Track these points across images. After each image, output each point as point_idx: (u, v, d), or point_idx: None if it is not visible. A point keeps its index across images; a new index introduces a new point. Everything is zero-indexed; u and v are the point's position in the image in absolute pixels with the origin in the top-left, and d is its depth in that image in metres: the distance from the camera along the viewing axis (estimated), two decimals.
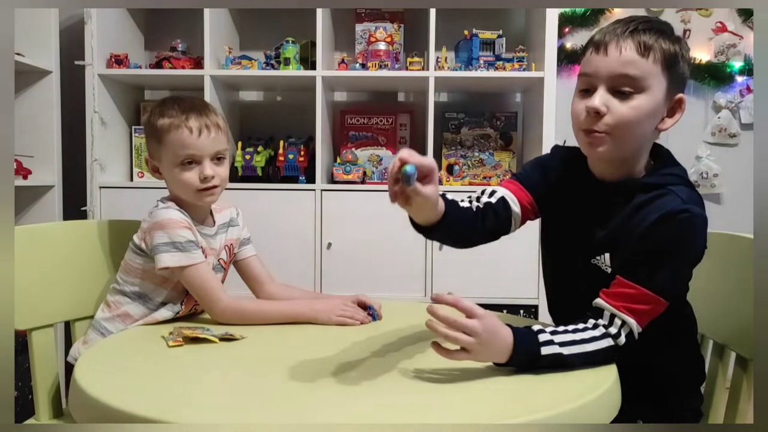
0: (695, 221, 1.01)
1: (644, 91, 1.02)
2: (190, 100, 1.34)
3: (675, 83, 1.05)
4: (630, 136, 1.04)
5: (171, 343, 1.08)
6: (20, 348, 1.65)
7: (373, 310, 1.29)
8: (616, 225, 1.07)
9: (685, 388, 1.17)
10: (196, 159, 1.29)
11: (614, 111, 1.02)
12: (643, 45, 1.01)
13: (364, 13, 2.49)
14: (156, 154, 1.33)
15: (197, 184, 1.29)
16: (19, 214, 2.26)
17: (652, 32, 1.02)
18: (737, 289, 1.18)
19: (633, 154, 1.09)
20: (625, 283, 1.01)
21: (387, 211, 2.23)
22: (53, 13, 2.25)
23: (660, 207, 1.02)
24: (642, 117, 1.03)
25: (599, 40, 1.05)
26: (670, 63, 1.03)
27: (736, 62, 2.64)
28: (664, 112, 1.07)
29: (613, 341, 0.99)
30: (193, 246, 1.26)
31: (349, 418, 0.79)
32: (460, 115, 2.45)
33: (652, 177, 1.08)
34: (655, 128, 1.07)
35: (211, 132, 1.30)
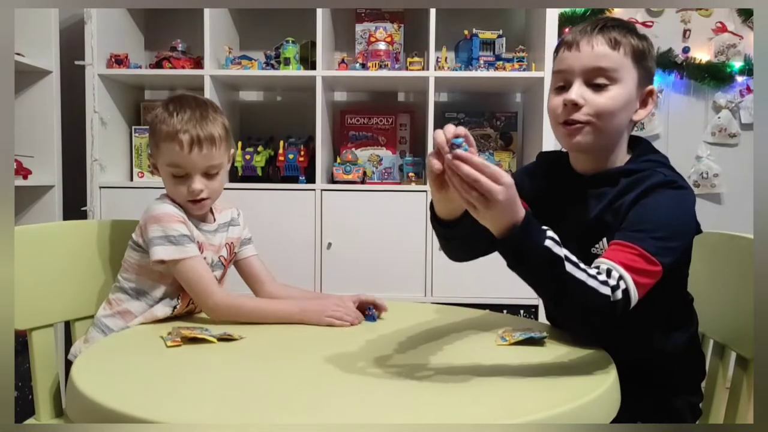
0: (682, 191, 1.05)
1: (617, 82, 1.08)
2: (194, 107, 1.30)
3: (645, 75, 1.11)
4: (608, 124, 1.09)
5: (169, 343, 1.08)
6: (20, 348, 1.65)
7: (371, 311, 1.29)
8: (604, 209, 1.09)
9: (686, 384, 1.17)
10: (186, 173, 1.29)
11: (591, 102, 1.08)
12: (613, 40, 1.08)
13: (364, 13, 2.49)
14: (154, 153, 1.33)
15: (186, 195, 1.30)
16: (19, 214, 2.26)
17: (621, 29, 1.09)
18: (737, 289, 1.18)
19: (611, 144, 1.13)
20: (620, 243, 0.99)
21: (387, 211, 2.25)
22: (53, 13, 2.25)
23: (645, 181, 1.06)
24: (618, 106, 1.08)
25: (571, 39, 1.11)
26: (639, 56, 1.09)
27: (736, 62, 2.64)
28: (637, 104, 1.12)
29: (611, 294, 0.93)
30: (187, 240, 1.26)
31: (348, 418, 0.79)
32: (460, 115, 2.45)
33: (634, 164, 1.13)
34: (629, 119, 1.12)
35: (203, 148, 1.27)
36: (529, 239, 0.88)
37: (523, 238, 0.87)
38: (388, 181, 2.46)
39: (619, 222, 1.05)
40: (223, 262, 1.39)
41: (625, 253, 0.98)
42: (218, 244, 1.37)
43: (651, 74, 1.13)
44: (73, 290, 1.37)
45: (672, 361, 1.14)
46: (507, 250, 0.89)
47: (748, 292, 1.11)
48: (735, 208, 2.65)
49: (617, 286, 0.93)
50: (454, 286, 2.23)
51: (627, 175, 1.09)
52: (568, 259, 0.90)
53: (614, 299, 0.93)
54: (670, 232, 1.02)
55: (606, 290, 0.92)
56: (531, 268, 0.91)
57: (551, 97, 1.13)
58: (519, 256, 0.89)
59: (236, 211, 1.46)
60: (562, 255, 0.89)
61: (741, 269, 1.18)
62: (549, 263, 0.89)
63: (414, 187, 2.28)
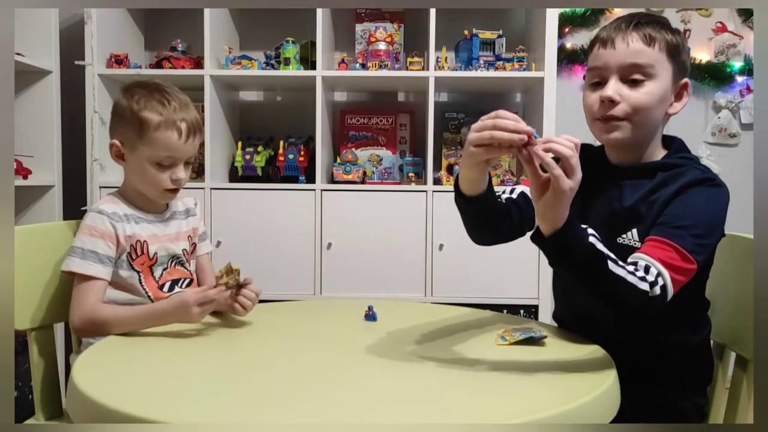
0: (719, 189, 1.07)
1: (653, 77, 1.09)
2: (175, 94, 1.31)
3: (679, 70, 1.12)
4: (645, 120, 1.11)
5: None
6: (20, 348, 1.65)
7: (372, 311, 1.29)
8: (639, 200, 1.10)
9: (693, 385, 1.17)
10: (174, 161, 1.29)
11: (628, 98, 1.09)
12: (648, 36, 1.09)
13: (364, 13, 2.49)
14: (129, 143, 1.30)
15: (168, 184, 1.30)
16: (19, 214, 2.26)
17: (654, 25, 1.10)
18: (737, 289, 1.18)
19: (647, 138, 1.14)
20: (658, 239, 1.01)
21: (387, 211, 2.25)
22: (53, 13, 2.25)
23: (683, 177, 1.07)
24: (654, 101, 1.10)
25: (606, 36, 1.12)
26: (674, 51, 1.10)
27: (736, 62, 2.64)
28: (672, 97, 1.14)
29: (650, 290, 0.95)
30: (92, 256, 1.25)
31: (348, 417, 0.79)
32: (460, 115, 2.45)
33: (671, 158, 1.14)
34: (665, 113, 1.14)
35: (196, 137, 1.31)
36: (577, 236, 0.92)
37: (571, 234, 0.91)
38: (388, 181, 2.46)
39: (653, 216, 1.05)
40: (186, 257, 1.39)
41: (663, 250, 0.99)
42: (173, 233, 1.37)
43: (686, 68, 1.14)
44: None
45: (682, 358, 1.14)
46: (555, 244, 0.92)
47: (747, 292, 1.11)
48: (735, 208, 2.63)
49: (655, 282, 0.96)
50: (454, 286, 2.23)
51: (665, 169, 1.11)
52: (609, 256, 0.94)
53: (652, 295, 0.96)
54: (706, 229, 1.03)
55: (645, 286, 0.95)
56: (577, 264, 0.93)
57: (587, 94, 1.15)
58: (566, 252, 0.92)
59: (193, 201, 1.46)
60: (605, 252, 0.94)
61: (741, 269, 1.18)
62: (593, 259, 0.93)
63: (414, 187, 2.27)
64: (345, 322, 1.29)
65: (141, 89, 1.31)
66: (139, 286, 1.30)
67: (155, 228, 1.33)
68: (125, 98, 1.31)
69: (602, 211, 1.14)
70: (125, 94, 1.31)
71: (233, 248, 2.22)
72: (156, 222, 1.35)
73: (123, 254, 1.29)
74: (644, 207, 1.09)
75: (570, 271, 0.96)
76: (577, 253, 0.92)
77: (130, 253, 1.29)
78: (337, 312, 1.41)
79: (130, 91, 1.31)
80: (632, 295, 0.94)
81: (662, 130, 1.17)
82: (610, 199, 1.14)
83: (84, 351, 1.09)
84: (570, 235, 0.91)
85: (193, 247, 1.42)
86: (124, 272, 1.29)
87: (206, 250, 1.47)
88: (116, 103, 1.33)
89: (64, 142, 2.32)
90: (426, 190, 2.23)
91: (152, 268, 1.33)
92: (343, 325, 1.27)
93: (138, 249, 1.30)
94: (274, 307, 1.43)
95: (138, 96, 1.29)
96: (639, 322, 1.04)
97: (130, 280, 1.30)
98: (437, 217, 2.22)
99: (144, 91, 1.30)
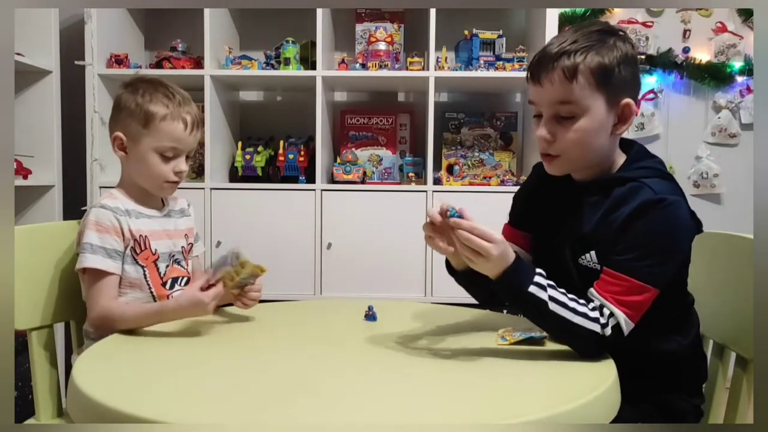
0: (670, 208, 1.02)
1: (584, 113, 1.06)
2: (175, 89, 1.34)
3: (615, 92, 1.06)
4: (581, 153, 1.10)
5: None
6: (20, 348, 1.65)
7: (372, 311, 1.29)
8: (597, 221, 1.09)
9: (688, 386, 1.17)
10: (178, 153, 1.31)
11: (560, 137, 1.08)
12: (569, 71, 1.04)
13: (364, 13, 2.49)
14: (133, 135, 1.31)
15: (171, 176, 1.32)
16: (19, 214, 2.26)
17: (577, 53, 1.04)
18: (737, 289, 1.18)
19: (594, 160, 1.12)
20: (612, 274, 1.03)
21: (387, 211, 2.25)
22: (53, 13, 2.25)
23: (634, 199, 1.04)
24: (587, 137, 1.07)
25: (532, 72, 1.09)
26: (602, 78, 1.04)
27: (736, 62, 2.64)
28: (614, 120, 1.09)
29: (600, 330, 0.99)
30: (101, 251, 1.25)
31: (348, 417, 0.79)
32: (460, 115, 2.45)
33: (626, 171, 1.11)
34: (611, 134, 1.10)
35: (199, 129, 1.34)
36: (514, 285, 0.99)
37: (509, 283, 1.00)
38: (388, 181, 2.46)
39: (610, 239, 1.05)
40: (184, 254, 1.40)
41: (616, 286, 1.02)
42: (171, 230, 1.38)
43: (625, 84, 1.08)
44: (73, 290, 1.37)
45: (673, 362, 1.14)
46: (500, 292, 1.02)
47: (748, 292, 1.11)
48: (735, 208, 2.65)
49: (607, 323, 1.00)
50: (454, 286, 2.22)
51: (621, 183, 1.08)
52: (554, 299, 0.99)
53: (603, 334, 1.00)
54: (660, 255, 1.02)
55: (593, 326, 1.00)
56: (520, 308, 1.02)
57: (533, 124, 1.14)
58: (509, 298, 1.02)
59: (186, 202, 1.48)
60: (545, 298, 0.99)
61: (741, 269, 1.18)
62: (533, 305, 0.99)
63: (414, 187, 2.28)
64: (345, 322, 1.29)
65: (144, 84, 1.33)
66: (145, 283, 1.31)
67: (155, 223, 1.34)
68: (129, 92, 1.33)
69: (566, 231, 1.14)
70: (128, 89, 1.33)
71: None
72: (156, 217, 1.35)
73: (127, 248, 1.29)
74: (601, 229, 1.07)
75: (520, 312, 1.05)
76: (515, 300, 1.01)
77: (134, 247, 1.30)
78: (337, 312, 1.41)
79: (134, 86, 1.33)
80: (580, 335, 0.99)
81: (616, 144, 1.14)
82: (572, 218, 1.13)
83: (84, 351, 1.09)
84: (506, 284, 0.99)
85: (189, 247, 1.43)
86: (129, 267, 1.30)
87: (199, 251, 1.48)
88: (119, 97, 1.34)
89: (64, 142, 2.32)
90: (426, 190, 2.23)
91: (156, 263, 1.33)
92: (343, 325, 1.27)
93: (141, 243, 1.31)
94: (274, 307, 1.43)
95: (143, 90, 1.31)
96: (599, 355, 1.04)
97: (135, 274, 1.30)
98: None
99: (148, 85, 1.33)
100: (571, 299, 1.01)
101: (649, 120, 2.65)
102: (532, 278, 1.00)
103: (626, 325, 1.00)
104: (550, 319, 0.99)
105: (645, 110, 2.66)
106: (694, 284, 1.18)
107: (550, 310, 0.99)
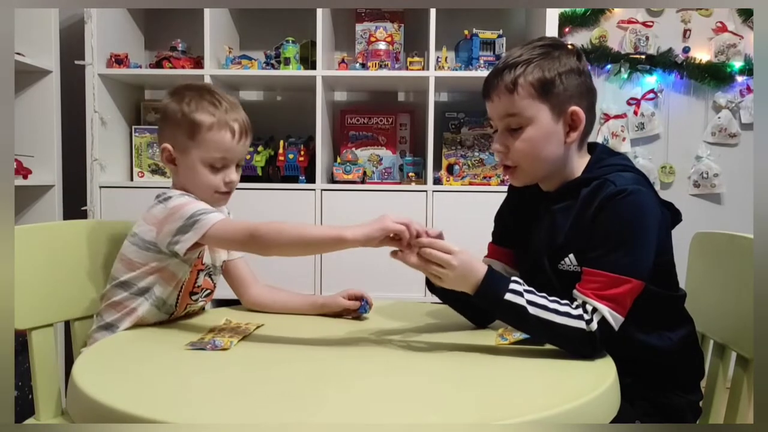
0: (631, 197, 1.04)
1: (530, 123, 1.11)
2: (223, 95, 1.29)
3: (559, 102, 1.11)
4: (533, 162, 1.14)
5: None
6: (20, 348, 1.65)
7: (364, 302, 1.30)
8: (570, 225, 1.11)
9: (684, 382, 1.17)
10: (227, 163, 1.27)
11: (511, 148, 1.13)
12: (511, 85, 1.11)
13: (364, 13, 2.49)
14: (181, 146, 1.26)
15: (222, 187, 1.28)
16: (19, 214, 2.26)
17: (518, 66, 1.10)
18: (737, 289, 1.18)
19: (553, 168, 1.15)
20: (589, 271, 1.05)
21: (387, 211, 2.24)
22: (53, 13, 2.25)
23: (598, 196, 1.07)
24: (535, 145, 1.12)
25: (483, 89, 1.18)
26: (544, 89, 1.10)
27: (736, 62, 2.63)
28: (564, 129, 1.12)
29: (587, 327, 1.00)
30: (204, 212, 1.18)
31: (348, 417, 0.79)
32: (460, 115, 2.45)
33: (590, 172, 1.14)
34: (564, 143, 1.12)
35: (248, 137, 1.29)
36: (490, 295, 1.02)
37: (485, 294, 1.02)
38: (388, 181, 2.46)
39: (584, 238, 1.07)
40: (223, 267, 1.38)
41: (594, 282, 1.03)
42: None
43: (569, 95, 1.11)
44: (73, 290, 1.37)
45: (666, 358, 1.14)
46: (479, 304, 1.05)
47: (748, 292, 1.11)
48: (735, 208, 2.65)
49: (591, 319, 1.01)
50: None
51: (586, 184, 1.11)
52: (533, 303, 1.01)
53: (590, 330, 1.00)
54: (632, 243, 1.04)
55: (578, 323, 1.01)
56: (502, 317, 1.05)
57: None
58: (489, 308, 1.05)
59: (226, 210, 1.43)
60: (523, 303, 1.01)
61: (741, 269, 1.18)
62: (513, 312, 1.01)
63: (414, 187, 2.27)
64: (345, 322, 1.29)
65: (190, 92, 1.28)
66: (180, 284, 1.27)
67: None
68: (175, 101, 1.27)
69: (542, 239, 1.16)
70: (174, 98, 1.28)
71: None
72: None
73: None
74: (574, 231, 1.10)
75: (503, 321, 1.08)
76: (494, 309, 1.04)
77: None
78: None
79: (180, 94, 1.28)
80: (567, 334, 1.01)
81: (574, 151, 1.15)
82: (546, 226, 1.16)
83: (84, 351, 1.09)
84: (482, 295, 1.02)
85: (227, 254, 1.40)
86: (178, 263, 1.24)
87: (238, 255, 1.43)
88: (165, 106, 1.29)
89: (64, 142, 2.32)
90: (426, 190, 2.23)
91: (199, 272, 1.30)
92: (343, 325, 1.27)
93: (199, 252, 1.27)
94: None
95: (188, 98, 1.26)
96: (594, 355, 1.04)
97: (180, 274, 1.25)
98: (437, 217, 2.22)
99: (194, 93, 1.27)
100: (552, 301, 1.02)
101: (649, 120, 2.65)
102: (507, 286, 1.02)
103: (613, 318, 1.01)
104: (534, 323, 1.01)
105: (645, 110, 2.66)
106: (694, 284, 1.18)
107: (531, 314, 1.00)
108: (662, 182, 2.66)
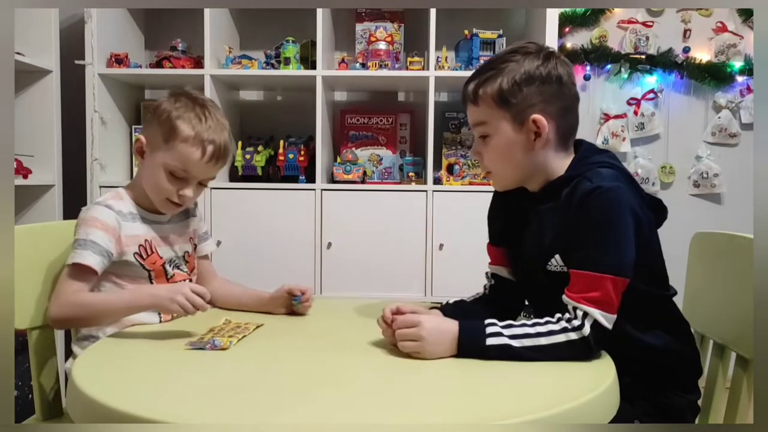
0: (607, 194, 1.04)
1: (494, 131, 1.13)
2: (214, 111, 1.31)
3: (520, 111, 1.11)
4: (503, 168, 1.17)
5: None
6: (20, 348, 1.65)
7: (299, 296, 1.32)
8: (554, 225, 1.11)
9: (682, 381, 1.17)
10: (188, 177, 1.29)
11: (484, 155, 1.17)
12: (473, 96, 1.14)
13: (364, 13, 2.49)
14: (154, 144, 1.29)
15: (173, 197, 1.29)
16: (19, 214, 2.26)
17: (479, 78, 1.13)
18: (737, 289, 1.18)
19: (530, 172, 1.16)
20: (574, 273, 1.05)
21: (387, 211, 2.25)
22: (53, 13, 2.25)
23: (576, 194, 1.06)
24: (500, 152, 1.14)
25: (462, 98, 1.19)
26: (502, 99, 1.11)
27: (736, 62, 2.64)
28: (529, 136, 1.12)
29: (576, 334, 1.00)
30: (83, 245, 1.22)
31: (348, 417, 0.79)
32: (460, 115, 2.45)
33: (573, 170, 1.13)
34: (532, 149, 1.13)
35: (219, 161, 1.30)
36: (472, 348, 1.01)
37: (467, 349, 1.01)
38: (388, 180, 2.46)
39: (566, 238, 1.07)
40: (187, 258, 1.39)
41: (580, 284, 1.03)
42: (174, 236, 1.37)
43: (530, 103, 1.10)
44: None
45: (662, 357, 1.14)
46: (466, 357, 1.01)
47: (748, 292, 1.11)
48: (735, 208, 2.65)
49: (582, 324, 1.01)
50: (454, 286, 2.22)
51: (567, 184, 1.10)
52: (515, 336, 1.01)
53: (584, 335, 1.00)
54: (613, 240, 1.03)
55: (565, 336, 1.01)
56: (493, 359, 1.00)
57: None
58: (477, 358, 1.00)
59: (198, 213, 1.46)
60: (506, 342, 1.00)
61: (741, 269, 1.18)
62: (501, 353, 1.00)
63: (414, 186, 2.28)
64: (345, 322, 1.29)
65: (186, 99, 1.30)
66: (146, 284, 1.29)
67: (157, 229, 1.33)
68: (169, 102, 1.30)
69: (529, 242, 1.17)
70: (170, 98, 1.31)
71: (233, 248, 2.22)
72: (158, 223, 1.34)
73: (128, 254, 1.27)
74: (558, 231, 1.10)
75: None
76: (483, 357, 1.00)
77: (139, 253, 1.29)
78: (337, 312, 1.41)
79: (176, 97, 1.31)
80: (558, 350, 1.00)
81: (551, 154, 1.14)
82: (533, 228, 1.17)
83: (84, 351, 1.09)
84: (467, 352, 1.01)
85: (193, 248, 1.42)
86: (133, 271, 1.28)
87: (208, 251, 1.47)
88: (159, 103, 1.32)
89: (64, 141, 2.32)
90: (426, 190, 2.23)
91: (164, 267, 1.32)
92: (343, 325, 1.27)
93: (148, 248, 1.30)
94: None
95: (180, 104, 1.29)
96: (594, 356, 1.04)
97: (141, 281, 1.29)
98: (437, 216, 2.22)
99: (187, 101, 1.30)
100: (533, 324, 1.02)
101: (649, 120, 2.65)
102: (484, 332, 1.01)
103: (605, 318, 1.01)
104: (525, 354, 1.00)
105: (645, 110, 2.66)
106: (694, 284, 1.18)
107: (517, 348, 1.00)
108: (662, 182, 2.66)
